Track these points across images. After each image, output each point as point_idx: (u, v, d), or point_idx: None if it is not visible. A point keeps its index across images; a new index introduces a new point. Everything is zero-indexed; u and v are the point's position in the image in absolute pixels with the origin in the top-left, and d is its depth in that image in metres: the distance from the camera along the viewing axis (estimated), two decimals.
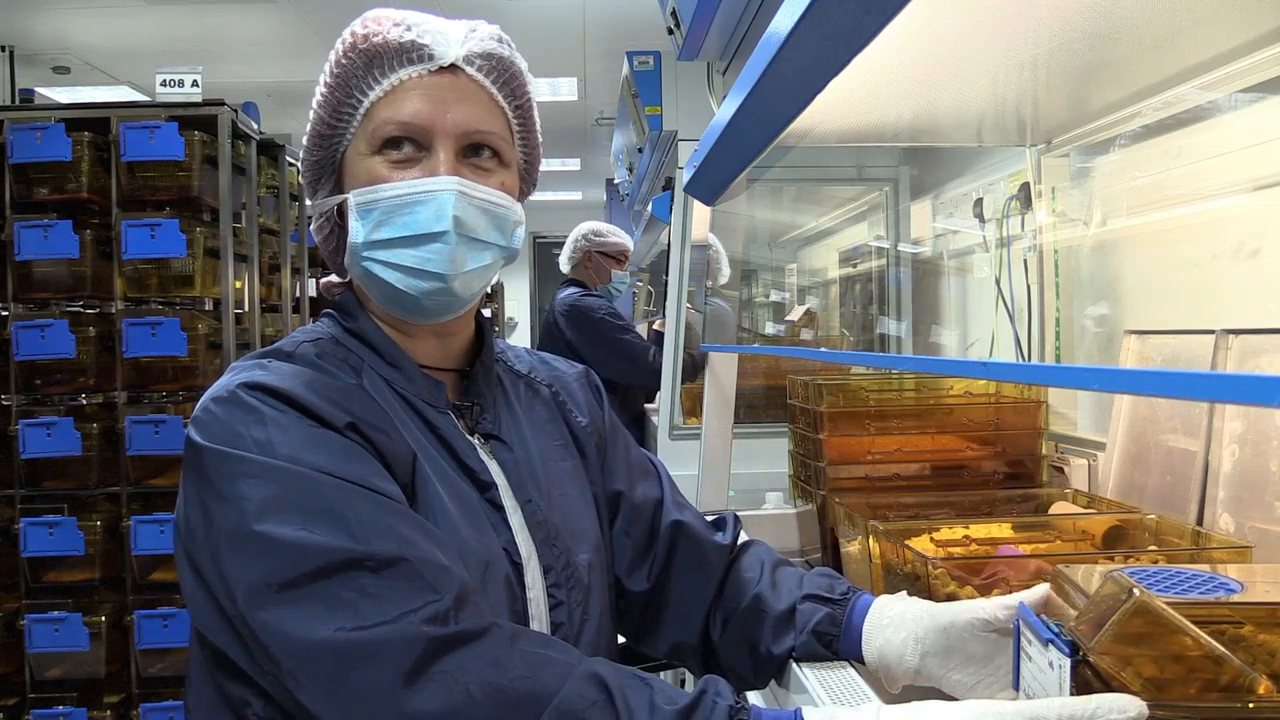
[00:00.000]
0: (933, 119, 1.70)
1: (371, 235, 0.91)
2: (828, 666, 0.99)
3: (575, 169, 9.45)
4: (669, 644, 1.09)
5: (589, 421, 1.11)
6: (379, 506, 0.79)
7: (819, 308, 3.69)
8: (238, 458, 0.79)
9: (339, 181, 0.95)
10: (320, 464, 0.79)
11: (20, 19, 4.92)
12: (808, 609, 1.01)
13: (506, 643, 0.75)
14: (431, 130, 0.91)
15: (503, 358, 1.09)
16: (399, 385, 0.94)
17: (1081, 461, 1.57)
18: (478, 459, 0.95)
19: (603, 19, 5.10)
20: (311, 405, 0.83)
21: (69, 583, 2.94)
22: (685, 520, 1.10)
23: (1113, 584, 0.76)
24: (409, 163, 0.91)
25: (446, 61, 0.91)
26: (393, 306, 0.95)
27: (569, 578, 0.96)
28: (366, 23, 0.92)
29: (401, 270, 0.91)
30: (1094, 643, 0.72)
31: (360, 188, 0.91)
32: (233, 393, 0.83)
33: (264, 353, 0.91)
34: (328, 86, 0.92)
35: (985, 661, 0.90)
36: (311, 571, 0.74)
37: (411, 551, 0.77)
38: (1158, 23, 1.16)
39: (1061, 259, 1.88)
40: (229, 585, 0.76)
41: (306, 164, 0.96)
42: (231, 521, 0.77)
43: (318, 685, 0.72)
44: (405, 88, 0.90)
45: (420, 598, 0.74)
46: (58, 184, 2.95)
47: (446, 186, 0.90)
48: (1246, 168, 1.37)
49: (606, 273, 3.55)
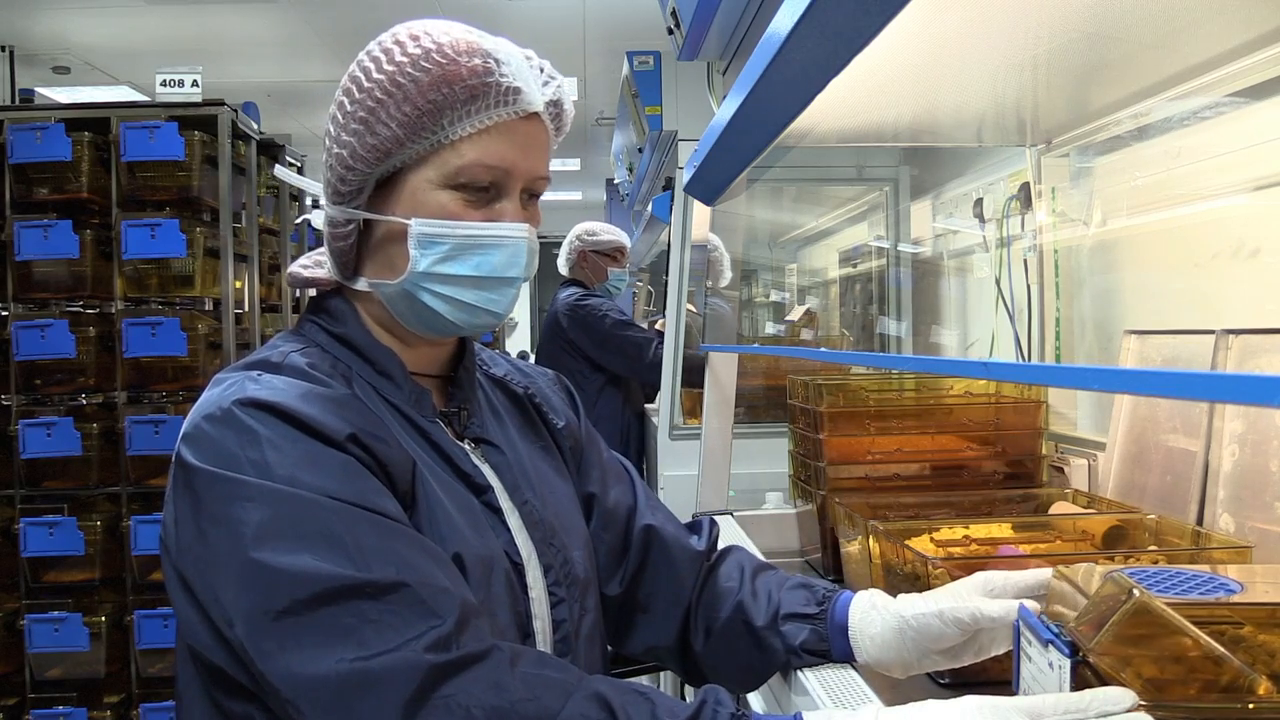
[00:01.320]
0: (933, 119, 1.70)
1: (436, 268, 0.90)
2: (827, 667, 1.00)
3: (575, 169, 9.44)
4: (643, 646, 1.10)
5: (565, 424, 1.11)
6: (378, 528, 0.78)
7: (819, 308, 3.69)
8: (234, 480, 0.77)
9: (387, 198, 0.92)
10: (318, 485, 0.78)
11: (20, 19, 4.92)
12: (791, 630, 1.01)
13: (507, 665, 0.75)
14: (511, 175, 0.91)
15: (479, 362, 1.09)
16: (387, 393, 0.93)
17: (1081, 461, 1.57)
18: (471, 463, 0.95)
19: (603, 19, 5.10)
20: (311, 420, 0.81)
21: (69, 583, 2.94)
22: (657, 525, 1.10)
23: (1113, 584, 0.76)
24: (479, 202, 0.91)
25: (533, 110, 0.91)
26: (421, 327, 0.95)
27: (567, 575, 0.97)
28: (462, 51, 0.87)
29: (457, 304, 0.91)
30: (1094, 643, 0.72)
31: (427, 218, 0.89)
32: (226, 410, 0.81)
33: (250, 363, 0.89)
34: (414, 108, 0.86)
35: (965, 647, 0.95)
36: (310, 599, 0.74)
37: (412, 575, 0.76)
38: (1158, 23, 1.16)
39: (1061, 259, 1.88)
40: (226, 611, 0.75)
41: (356, 173, 0.89)
42: (227, 546, 0.76)
43: (319, 716, 0.73)
44: (495, 130, 0.89)
45: (422, 623, 0.74)
46: (58, 184, 2.95)
47: (521, 234, 0.91)
48: (1246, 168, 1.37)
49: (603, 271, 3.55)
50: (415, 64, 0.86)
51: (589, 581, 1.01)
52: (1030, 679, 0.80)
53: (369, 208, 0.92)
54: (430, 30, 0.89)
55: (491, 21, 0.85)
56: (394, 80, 0.86)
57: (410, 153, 0.88)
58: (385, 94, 0.86)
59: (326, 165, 0.93)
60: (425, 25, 0.90)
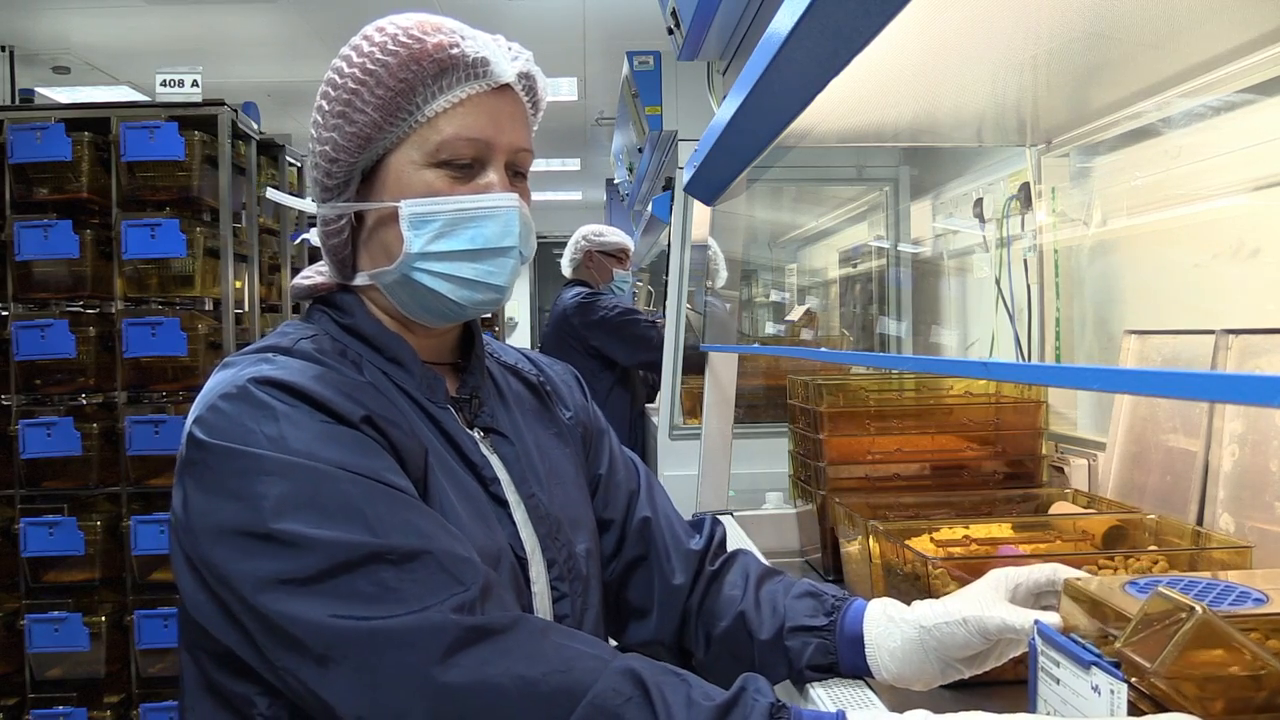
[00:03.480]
0: (933, 119, 1.70)
1: (430, 246, 0.90)
2: (837, 684, 0.97)
3: (575, 169, 9.45)
4: (638, 641, 1.09)
5: (574, 414, 1.11)
6: (396, 501, 0.79)
7: (819, 308, 3.69)
8: (251, 455, 0.78)
9: (373, 186, 0.93)
10: (335, 459, 0.79)
11: (20, 19, 4.92)
12: (797, 644, 0.99)
13: (538, 635, 0.75)
14: (492, 147, 0.92)
15: (490, 350, 1.10)
16: (399, 380, 0.94)
17: (1081, 461, 1.57)
18: (480, 453, 0.95)
19: (603, 19, 5.10)
20: (326, 399, 0.82)
21: (69, 583, 2.94)
22: (653, 519, 1.10)
23: (1163, 601, 0.73)
24: (465, 177, 0.91)
25: (505, 80, 0.92)
26: (425, 314, 0.95)
27: (570, 570, 0.97)
28: (428, 30, 0.89)
29: (457, 281, 0.91)
30: (1157, 665, 0.70)
31: (415, 198, 0.90)
32: (242, 388, 0.82)
33: (262, 347, 0.90)
34: (387, 89, 0.88)
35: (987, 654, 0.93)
36: (332, 567, 0.74)
37: (433, 544, 0.77)
38: (1158, 23, 1.16)
39: (1061, 259, 1.88)
40: (241, 583, 0.76)
41: (340, 164, 0.91)
42: (244, 520, 0.77)
43: (349, 667, 0.73)
44: (469, 103, 0.90)
45: (446, 589, 0.75)
46: (58, 184, 2.95)
47: (512, 203, 0.92)
48: (1246, 168, 1.37)
49: (608, 271, 3.55)
50: (384, 49, 0.89)
51: (592, 576, 1.01)
52: (1060, 702, 0.75)
53: (358, 200, 0.93)
54: (395, 20, 0.91)
55: (491, 21, 0.85)
56: (365, 69, 0.89)
57: (391, 137, 0.90)
58: (359, 83, 0.89)
59: (312, 164, 0.95)
60: (390, 18, 0.92)
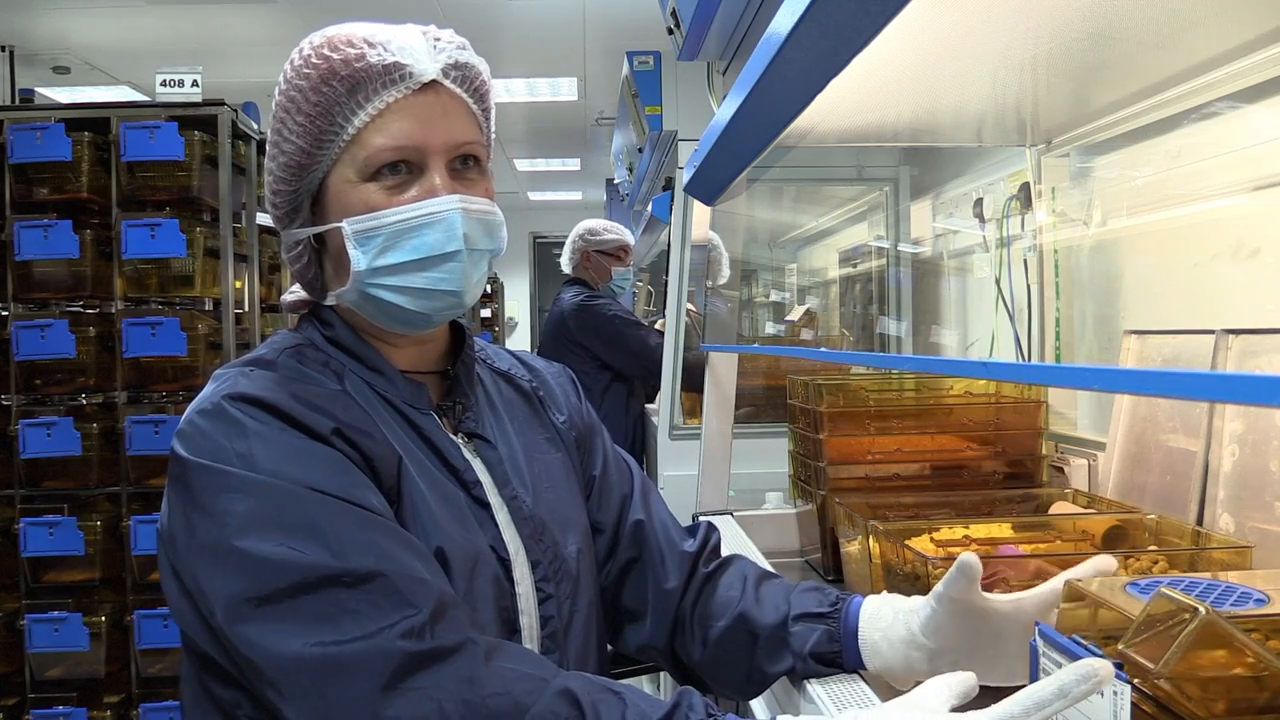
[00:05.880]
0: (933, 119, 1.70)
1: (376, 262, 0.90)
2: (836, 680, 0.97)
3: (575, 169, 9.45)
4: (632, 645, 1.10)
5: (567, 417, 1.11)
6: (360, 521, 0.80)
7: (819, 308, 3.69)
8: (220, 472, 0.80)
9: (319, 209, 0.94)
10: (302, 478, 0.80)
11: (20, 19, 4.92)
12: (802, 630, 0.99)
13: (481, 659, 0.76)
14: (425, 150, 0.90)
15: (483, 356, 1.10)
16: (381, 388, 0.95)
17: (1081, 461, 1.57)
18: (461, 458, 0.95)
19: (603, 19, 5.10)
20: (295, 414, 0.83)
21: (69, 583, 2.94)
22: (646, 522, 1.10)
23: (1166, 601, 0.73)
24: (404, 185, 0.91)
25: (426, 79, 0.90)
26: (395, 324, 0.95)
27: (557, 571, 0.96)
28: (337, 45, 0.89)
29: (411, 293, 0.91)
30: (1161, 665, 0.70)
31: (355, 216, 0.90)
32: (216, 404, 0.83)
33: (247, 360, 0.91)
34: (306, 115, 0.89)
35: (974, 649, 0.93)
36: (289, 587, 0.75)
37: (389, 566, 0.77)
38: (1158, 23, 1.16)
39: (1061, 259, 1.88)
40: (209, 599, 0.78)
41: (282, 195, 0.93)
42: (213, 536, 0.78)
43: (297, 697, 0.74)
44: (391, 111, 0.89)
45: (397, 613, 0.75)
46: (58, 184, 2.94)
47: (451, 206, 0.90)
48: (1246, 168, 1.37)
49: (607, 270, 3.54)
50: (299, 74, 0.90)
51: (584, 577, 1.00)
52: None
53: (311, 224, 0.95)
54: (313, 38, 0.91)
55: (491, 21, 0.84)
56: (288, 95, 0.90)
57: (324, 159, 0.91)
58: (285, 111, 0.91)
59: (265, 196, 0.97)
60: (312, 36, 0.92)
